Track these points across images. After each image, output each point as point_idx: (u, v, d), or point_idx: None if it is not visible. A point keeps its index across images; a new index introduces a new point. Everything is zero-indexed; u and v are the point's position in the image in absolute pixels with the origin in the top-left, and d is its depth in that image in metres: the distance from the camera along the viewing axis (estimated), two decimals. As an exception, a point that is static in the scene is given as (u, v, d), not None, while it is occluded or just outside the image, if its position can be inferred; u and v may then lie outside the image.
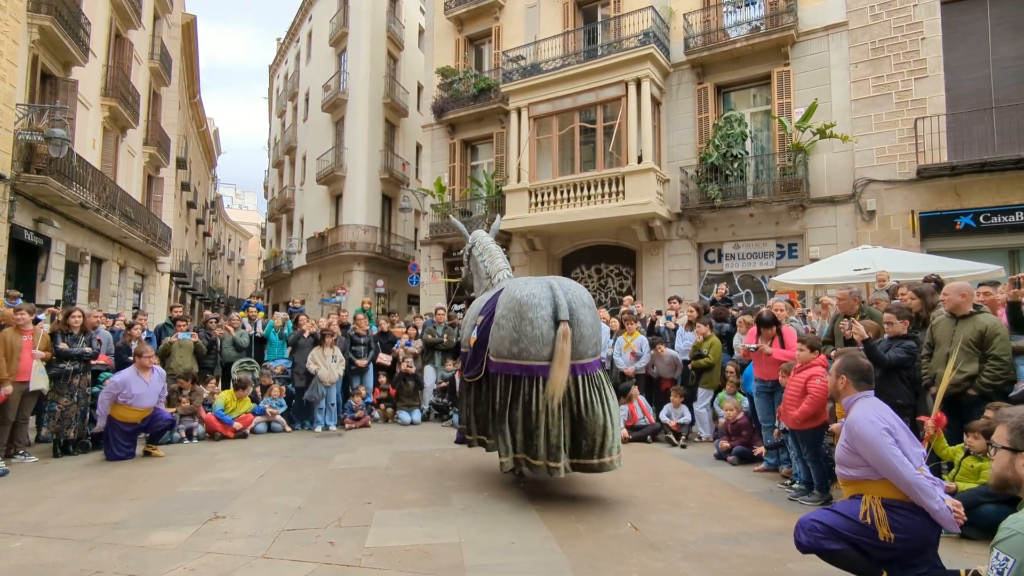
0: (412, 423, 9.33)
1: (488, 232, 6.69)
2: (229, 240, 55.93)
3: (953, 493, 3.86)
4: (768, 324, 6.18)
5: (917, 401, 5.04)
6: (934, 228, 11.42)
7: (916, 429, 4.36)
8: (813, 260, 11.77)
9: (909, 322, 5.07)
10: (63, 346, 7.13)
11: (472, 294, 6.70)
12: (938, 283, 5.85)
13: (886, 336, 5.04)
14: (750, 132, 13.62)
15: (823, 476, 5.05)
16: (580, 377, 4.81)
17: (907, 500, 2.86)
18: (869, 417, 2.98)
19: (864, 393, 3.21)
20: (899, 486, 2.85)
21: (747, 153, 13.35)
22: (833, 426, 4.37)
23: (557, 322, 4.73)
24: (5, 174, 11.05)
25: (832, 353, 5.24)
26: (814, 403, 4.89)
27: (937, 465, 4.45)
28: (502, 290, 5.36)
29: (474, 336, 5.37)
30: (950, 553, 3.67)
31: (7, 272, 11.50)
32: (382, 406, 9.74)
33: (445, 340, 9.96)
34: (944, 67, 11.56)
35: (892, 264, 8.25)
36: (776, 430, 5.98)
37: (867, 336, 4.76)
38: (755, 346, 6.19)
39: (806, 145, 12.51)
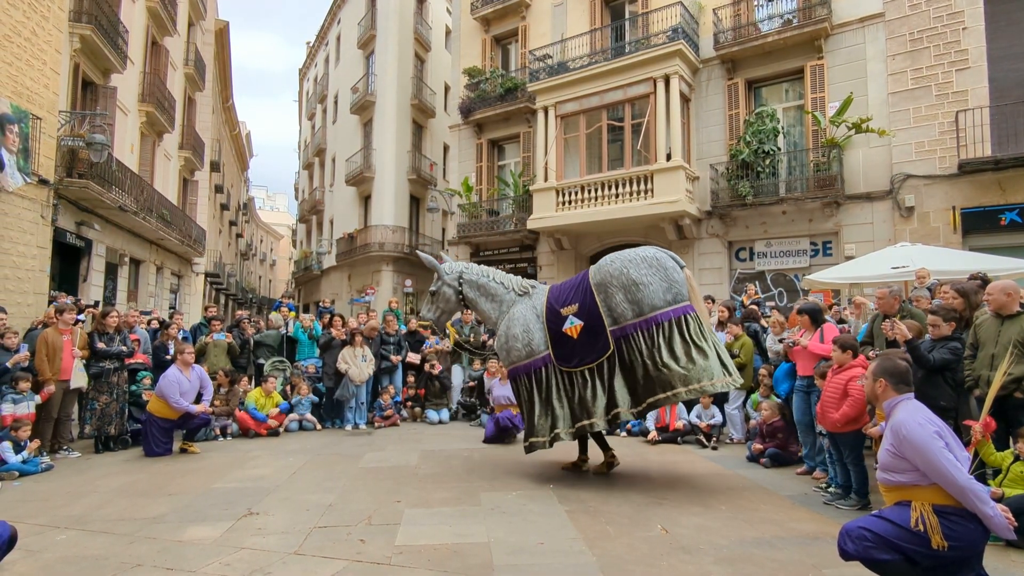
0: (440, 422, 9.38)
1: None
2: (261, 241, 57.05)
3: (1000, 499, 3.71)
4: (806, 313, 6.05)
5: (960, 403, 4.87)
6: (977, 224, 11.03)
7: (959, 432, 4.20)
8: (848, 258, 11.48)
9: (955, 324, 4.90)
10: (101, 345, 7.36)
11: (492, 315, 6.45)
12: (984, 281, 5.63)
13: (928, 337, 4.87)
14: (782, 128, 13.34)
15: (864, 480, 4.91)
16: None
17: (959, 506, 2.75)
18: (917, 420, 2.87)
19: (905, 396, 3.09)
20: (951, 491, 2.74)
21: (779, 149, 13.08)
22: (872, 430, 4.22)
23: (681, 267, 5.66)
24: (49, 179, 11.44)
25: (871, 354, 5.11)
26: (856, 405, 4.75)
27: (982, 472, 4.29)
28: (582, 278, 5.83)
29: (577, 324, 5.62)
30: (995, 561, 3.54)
31: (51, 273, 11.90)
32: (410, 405, 9.81)
33: (472, 339, 9.98)
34: (987, 57, 11.15)
35: (933, 262, 7.98)
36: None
37: (910, 336, 4.61)
38: (792, 340, 6.06)
39: (841, 140, 12.21)
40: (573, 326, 5.62)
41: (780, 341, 6.66)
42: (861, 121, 11.71)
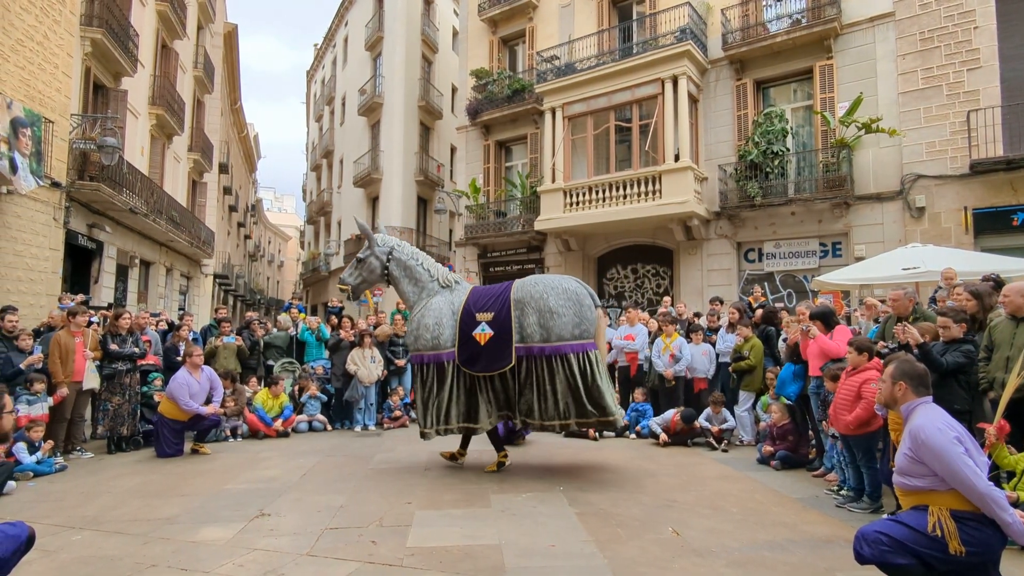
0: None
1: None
2: (269, 242, 57.31)
3: (1015, 503, 3.68)
4: (818, 318, 6.04)
5: (974, 406, 4.83)
6: (989, 224, 10.94)
7: (974, 436, 4.17)
8: (858, 259, 11.42)
9: (966, 325, 4.86)
10: (113, 347, 7.42)
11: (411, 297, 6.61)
12: (997, 283, 5.59)
13: (940, 340, 4.84)
14: (791, 128, 13.29)
15: (877, 484, 4.88)
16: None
17: (977, 511, 2.72)
18: (937, 425, 2.84)
19: (923, 399, 3.07)
20: (971, 498, 2.72)
21: (788, 150, 13.02)
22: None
23: (596, 306, 5.91)
24: (61, 182, 11.55)
25: (880, 346, 5.09)
26: (869, 408, 4.71)
27: (996, 475, 4.25)
28: (506, 287, 6.07)
29: (488, 332, 5.84)
30: (1012, 567, 3.50)
31: (63, 275, 12.01)
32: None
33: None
34: (999, 56, 11.06)
35: (944, 263, 7.90)
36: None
37: (922, 340, 4.57)
38: (807, 326, 6.05)
39: (851, 140, 12.14)
40: (483, 333, 5.85)
41: (801, 330, 6.57)
42: (871, 121, 11.64)
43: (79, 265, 13.57)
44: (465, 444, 6.51)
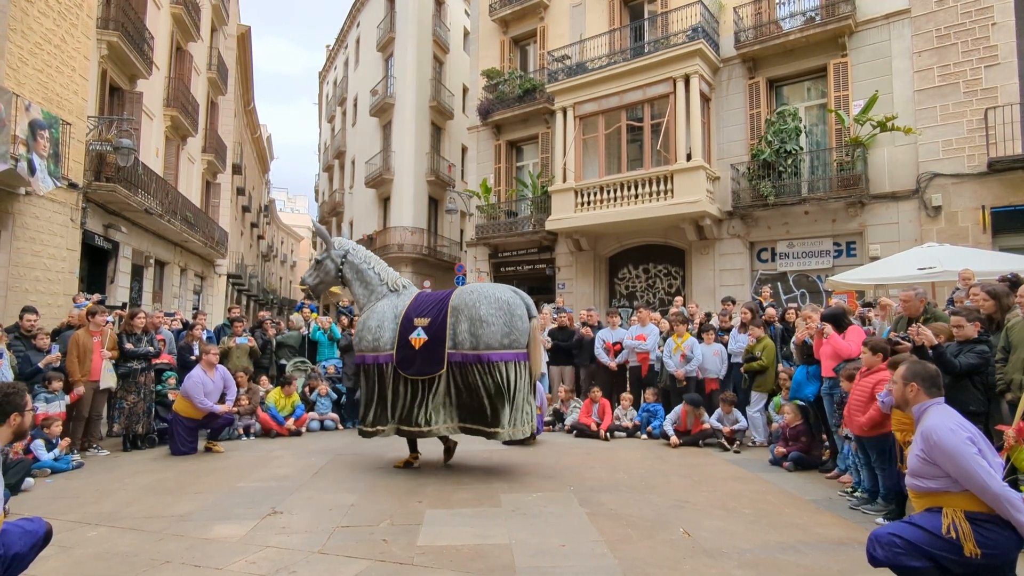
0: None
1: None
2: (282, 243, 57.74)
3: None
4: (828, 320, 5.99)
5: (990, 408, 4.76)
6: (1007, 223, 10.77)
7: (990, 438, 4.11)
8: (873, 259, 11.30)
9: (980, 325, 4.79)
10: (129, 346, 7.51)
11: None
12: (1015, 283, 5.51)
13: (955, 340, 4.77)
14: (804, 127, 13.18)
15: (892, 485, 4.82)
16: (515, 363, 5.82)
17: (992, 513, 2.69)
18: (949, 426, 2.81)
19: (936, 400, 3.04)
20: (985, 499, 2.68)
21: (801, 149, 12.91)
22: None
23: (530, 317, 5.92)
24: (78, 183, 11.70)
25: (891, 334, 5.03)
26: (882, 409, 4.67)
27: (1015, 478, 4.19)
28: (447, 294, 6.18)
29: (422, 337, 5.96)
30: (1031, 570, 3.45)
31: (80, 275, 12.18)
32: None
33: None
34: (1017, 53, 10.89)
35: (961, 262, 7.81)
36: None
37: (935, 342, 4.51)
38: (821, 325, 6.00)
39: (865, 139, 12.02)
40: (418, 337, 5.98)
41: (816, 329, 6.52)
42: (887, 119, 11.51)
43: (95, 265, 13.74)
44: (413, 447, 6.55)
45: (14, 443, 4.39)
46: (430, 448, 7.31)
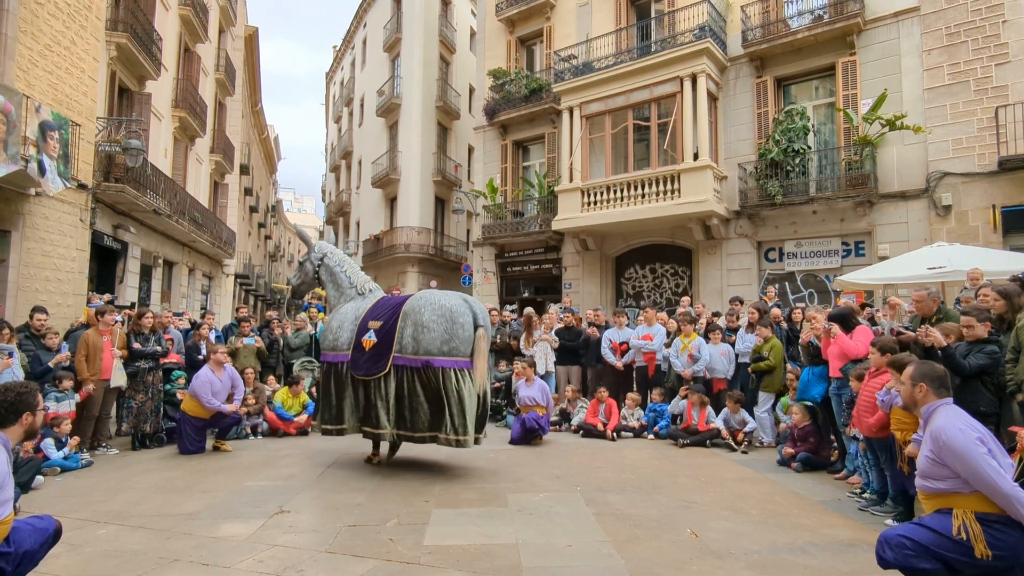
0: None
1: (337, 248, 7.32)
2: (289, 243, 57.94)
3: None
4: (836, 320, 5.96)
5: (1001, 409, 4.71)
6: (1018, 223, 10.67)
7: (1001, 439, 4.07)
8: (882, 258, 11.23)
9: (990, 324, 4.74)
10: (137, 346, 7.56)
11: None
12: (1025, 283, 5.45)
13: (965, 340, 4.72)
14: (812, 126, 13.11)
15: (901, 486, 4.79)
16: (466, 372, 5.86)
17: (1002, 514, 2.66)
18: (958, 426, 2.79)
19: (944, 400, 3.02)
20: (995, 499, 2.66)
21: (809, 148, 12.84)
22: (909, 449, 4.02)
23: (476, 326, 5.89)
24: (88, 184, 11.79)
25: (897, 327, 5.00)
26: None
27: (1025, 479, 4.15)
28: (404, 298, 6.26)
29: (372, 339, 6.08)
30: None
31: (89, 275, 12.26)
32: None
33: (498, 341, 10.00)
34: (1029, 51, 10.80)
35: (971, 262, 7.74)
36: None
37: (944, 344, 4.47)
38: (827, 326, 5.97)
39: (874, 138, 11.94)
40: (369, 339, 6.10)
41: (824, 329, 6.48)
42: (896, 118, 11.44)
43: (104, 265, 13.84)
44: (376, 447, 6.64)
45: (25, 442, 4.43)
46: (433, 449, 7.32)
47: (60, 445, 6.32)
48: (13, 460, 3.00)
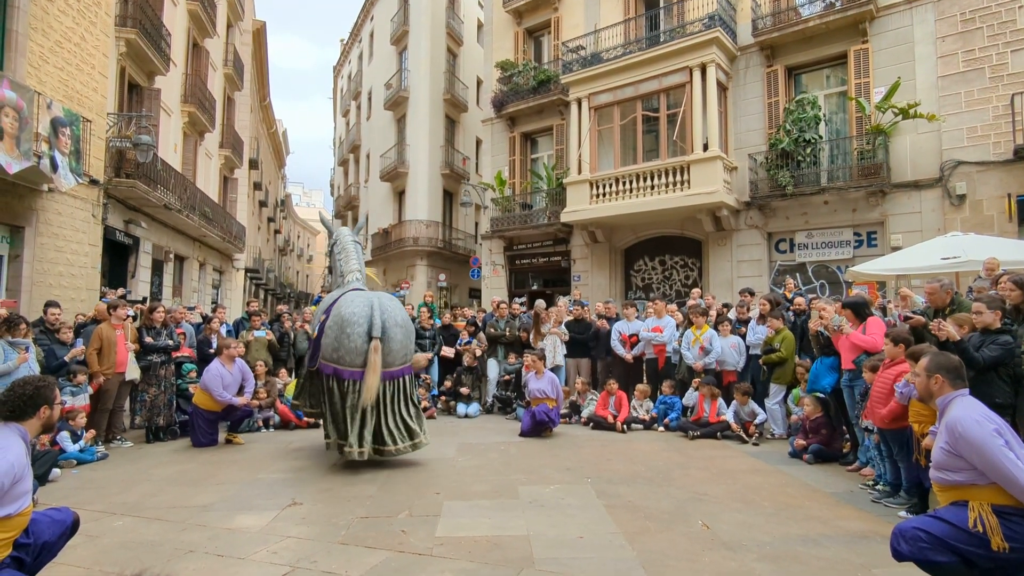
0: (467, 416, 9.40)
1: (353, 230, 7.44)
2: (298, 237, 58.19)
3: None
4: (849, 307, 5.92)
5: (1017, 400, 4.65)
6: (1034, 212, 10.53)
7: (1017, 430, 4.02)
8: (895, 249, 11.10)
9: (1001, 313, 4.66)
10: (149, 340, 7.63)
11: (328, 288, 7.54)
12: (1042, 272, 5.37)
13: (977, 332, 4.66)
14: (824, 115, 12.96)
15: (915, 478, 4.75)
16: (387, 383, 5.79)
17: (1020, 506, 2.63)
18: (974, 417, 2.75)
19: (960, 391, 2.98)
20: (1012, 491, 2.63)
21: (821, 137, 12.71)
22: (927, 441, 3.98)
23: (371, 337, 5.67)
24: (99, 179, 11.87)
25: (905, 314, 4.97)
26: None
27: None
28: (344, 293, 6.30)
29: (316, 332, 6.22)
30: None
31: (102, 270, 12.37)
32: (445, 399, 9.90)
33: (507, 334, 10.01)
34: (1046, 36, 10.61)
35: (986, 252, 7.64)
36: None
37: (958, 338, 4.41)
38: (838, 324, 5.92)
39: (887, 127, 11.79)
40: (315, 333, 6.25)
41: (827, 328, 6.44)
42: (909, 106, 11.28)
43: (116, 260, 13.95)
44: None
45: (42, 435, 4.48)
46: (444, 442, 7.35)
47: (76, 438, 6.40)
48: (31, 453, 3.03)
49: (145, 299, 13.55)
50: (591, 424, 8.34)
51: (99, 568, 3.59)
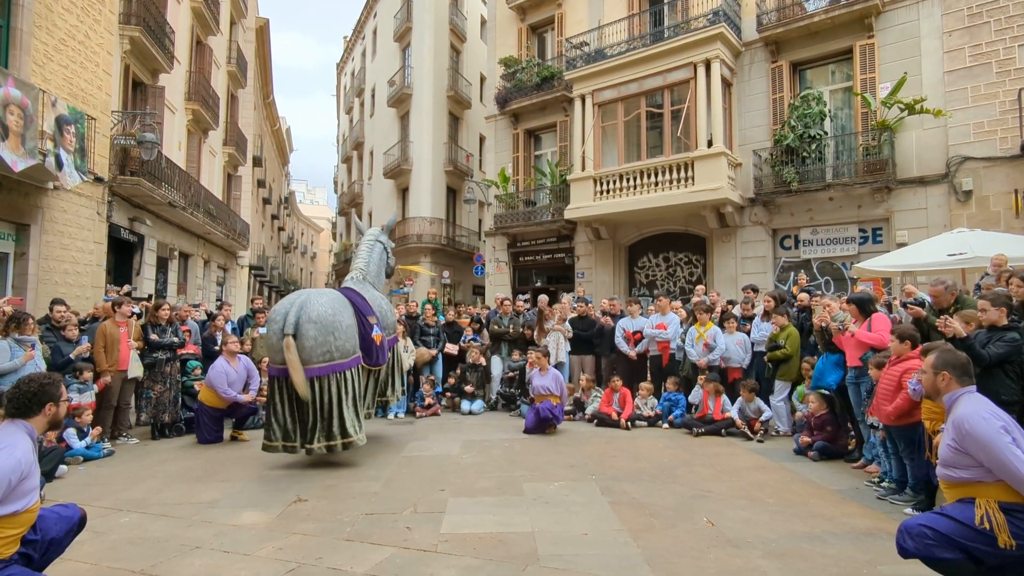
0: (471, 413, 9.41)
1: (382, 230, 7.55)
2: (302, 234, 58.29)
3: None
4: (854, 303, 5.89)
5: (1024, 397, 4.63)
6: (1040, 208, 10.46)
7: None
8: (900, 245, 11.06)
9: (1007, 310, 4.64)
10: (154, 337, 7.66)
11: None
12: (1050, 269, 5.34)
13: (983, 329, 4.64)
14: (829, 111, 12.90)
15: (921, 475, 4.73)
16: (313, 380, 5.72)
17: None
18: (982, 414, 2.74)
19: (967, 388, 2.97)
20: (1019, 489, 2.61)
21: (826, 133, 12.65)
22: (938, 439, 3.95)
23: (284, 335, 5.64)
24: (104, 177, 11.91)
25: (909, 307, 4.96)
26: (910, 398, 4.58)
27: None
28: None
29: None
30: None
31: (107, 268, 12.42)
32: (450, 396, 9.91)
33: (511, 330, 10.00)
34: (1053, 31, 10.53)
35: (992, 248, 7.60)
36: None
37: (964, 335, 4.39)
38: (842, 323, 5.90)
39: (893, 122, 11.73)
40: None
41: (833, 321, 6.43)
42: (915, 102, 11.21)
43: (121, 258, 14.01)
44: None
45: (48, 432, 4.50)
46: (448, 438, 7.36)
47: (82, 435, 6.43)
48: (38, 450, 3.05)
49: (150, 296, 13.60)
50: (595, 421, 8.34)
51: (106, 564, 3.61)
